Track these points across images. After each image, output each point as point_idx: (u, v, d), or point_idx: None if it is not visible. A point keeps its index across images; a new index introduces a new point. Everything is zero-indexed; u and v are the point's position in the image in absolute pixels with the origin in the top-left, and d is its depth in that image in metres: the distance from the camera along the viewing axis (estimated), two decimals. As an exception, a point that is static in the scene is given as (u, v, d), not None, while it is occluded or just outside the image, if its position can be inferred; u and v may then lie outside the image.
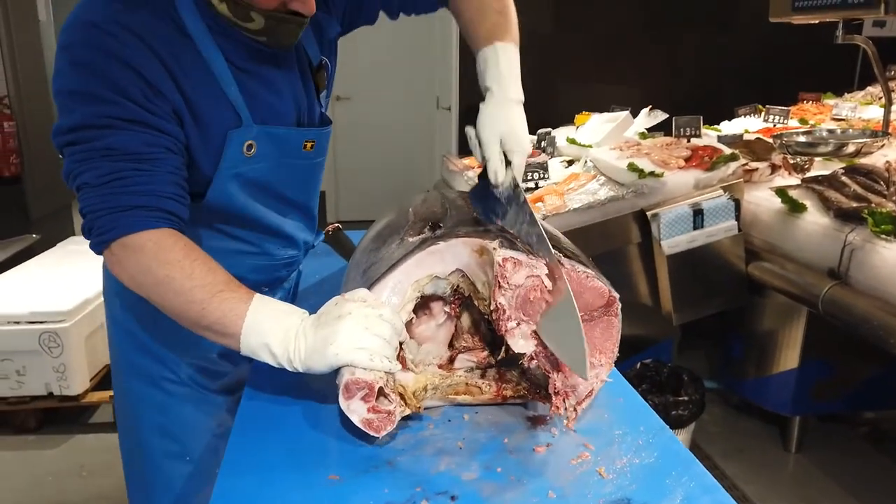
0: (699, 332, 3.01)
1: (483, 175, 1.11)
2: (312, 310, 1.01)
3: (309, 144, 1.23)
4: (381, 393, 0.93)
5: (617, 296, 1.04)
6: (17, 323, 2.68)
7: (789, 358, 2.49)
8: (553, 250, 1.02)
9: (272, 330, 0.96)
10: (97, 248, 1.04)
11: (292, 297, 1.50)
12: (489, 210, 1.09)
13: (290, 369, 0.97)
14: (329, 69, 1.28)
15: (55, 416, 2.89)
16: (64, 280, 2.96)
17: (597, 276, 1.04)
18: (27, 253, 3.72)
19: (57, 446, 2.76)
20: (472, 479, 0.88)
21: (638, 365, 2.58)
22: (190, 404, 1.34)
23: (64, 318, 2.69)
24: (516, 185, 1.08)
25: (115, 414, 1.43)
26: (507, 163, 1.08)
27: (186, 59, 1.05)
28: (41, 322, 2.69)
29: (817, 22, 2.42)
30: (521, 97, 1.13)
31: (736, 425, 2.80)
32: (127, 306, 1.30)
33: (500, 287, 0.96)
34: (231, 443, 0.96)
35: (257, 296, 1.00)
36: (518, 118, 1.10)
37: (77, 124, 1.00)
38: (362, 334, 0.92)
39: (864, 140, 2.52)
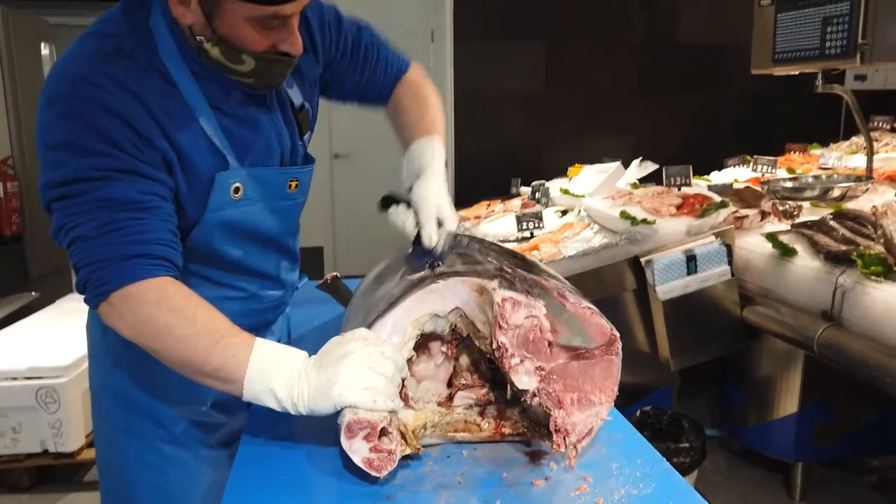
0: (699, 379, 3.01)
1: (417, 241, 1.23)
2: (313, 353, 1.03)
3: (293, 184, 1.25)
4: (383, 433, 0.94)
5: (618, 335, 1.06)
6: (15, 379, 2.67)
7: (789, 403, 2.48)
8: (559, 283, 1.05)
9: (275, 374, 0.97)
10: (94, 300, 1.02)
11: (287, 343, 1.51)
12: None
13: (293, 413, 0.97)
14: (311, 112, 1.32)
15: (50, 473, 2.85)
16: (61, 336, 2.96)
17: (599, 313, 1.06)
18: (26, 311, 3.73)
19: (51, 505, 2.72)
20: (472, 513, 0.88)
21: (638, 412, 2.56)
22: (187, 461, 1.30)
23: (61, 374, 2.68)
24: (455, 236, 1.23)
25: (101, 479, 1.37)
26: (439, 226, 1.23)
27: (172, 108, 1.07)
28: (38, 377, 2.67)
29: (797, 73, 2.51)
30: (447, 184, 1.31)
31: (739, 473, 2.76)
32: (117, 366, 1.27)
33: (500, 327, 0.98)
34: (230, 483, 0.96)
35: (258, 341, 1.01)
36: (448, 197, 1.27)
37: (69, 177, 0.99)
38: (365, 373, 0.94)
39: (849, 184, 2.58)
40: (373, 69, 1.41)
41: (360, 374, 0.94)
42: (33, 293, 4.12)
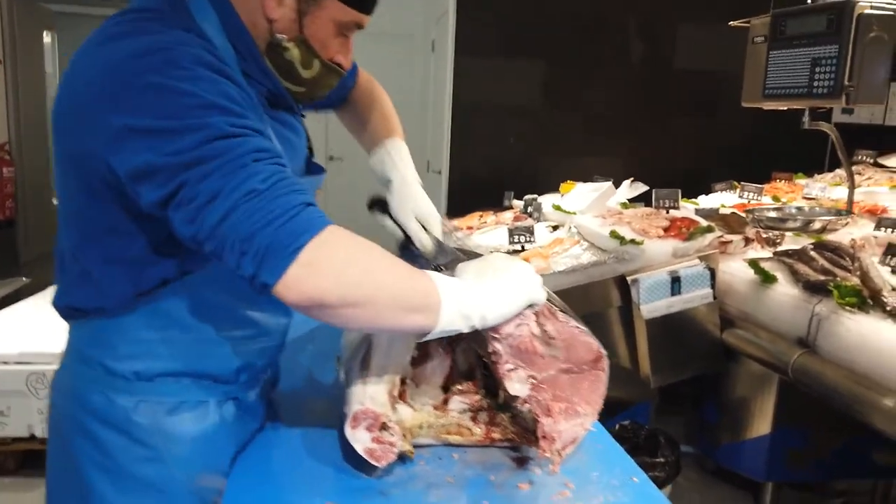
0: (677, 397, 3.09)
1: (404, 247, 1.29)
2: (310, 360, 1.07)
3: (320, 193, 1.25)
4: (384, 426, 1.01)
5: (605, 353, 1.13)
6: (6, 363, 2.70)
7: (762, 424, 2.56)
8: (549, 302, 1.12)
9: (461, 295, 0.95)
10: (284, 264, 0.83)
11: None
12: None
13: (479, 327, 0.98)
14: None
15: (35, 457, 2.88)
16: (52, 322, 2.97)
17: (587, 332, 1.13)
18: (16, 296, 3.76)
19: (36, 489, 2.74)
20: (461, 510, 0.95)
21: (616, 426, 2.64)
22: None
23: (52, 360, 2.72)
24: (439, 242, 1.28)
25: None
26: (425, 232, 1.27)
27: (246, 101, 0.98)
28: (29, 363, 2.71)
29: (786, 108, 2.61)
30: (419, 179, 1.36)
31: (712, 490, 2.84)
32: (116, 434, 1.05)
33: (492, 336, 1.04)
34: (235, 470, 1.02)
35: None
36: (423, 196, 1.32)
37: (213, 136, 0.85)
38: (531, 274, 1.04)
39: (830, 217, 2.67)
40: None
41: (530, 274, 1.03)
42: (24, 278, 4.14)
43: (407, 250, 1.28)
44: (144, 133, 0.85)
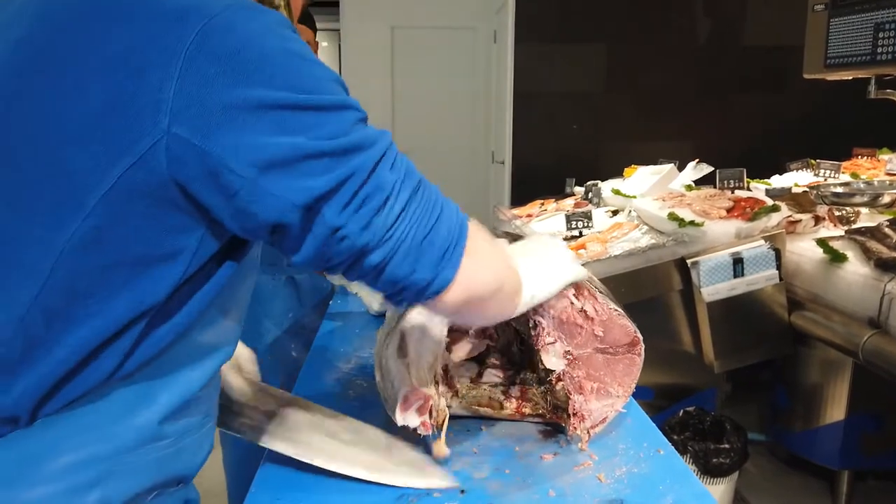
0: (753, 385, 2.99)
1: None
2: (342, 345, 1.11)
3: None
4: (431, 407, 1.04)
5: (640, 337, 1.13)
6: None
7: (835, 409, 2.46)
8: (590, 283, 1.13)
9: (531, 277, 0.95)
10: (458, 255, 0.75)
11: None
12: None
13: (530, 307, 0.98)
14: None
15: None
16: None
17: (625, 315, 1.14)
18: None
19: None
20: (482, 478, 0.98)
21: (681, 412, 2.59)
22: None
23: None
24: None
25: None
26: None
27: None
28: None
29: (851, 78, 2.48)
30: None
31: (784, 479, 2.75)
32: None
33: (534, 310, 1.06)
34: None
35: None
36: None
37: (359, 118, 0.71)
38: (564, 247, 1.06)
39: (901, 191, 2.53)
40: None
41: (568, 253, 1.05)
42: None
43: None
44: (283, 109, 0.64)
